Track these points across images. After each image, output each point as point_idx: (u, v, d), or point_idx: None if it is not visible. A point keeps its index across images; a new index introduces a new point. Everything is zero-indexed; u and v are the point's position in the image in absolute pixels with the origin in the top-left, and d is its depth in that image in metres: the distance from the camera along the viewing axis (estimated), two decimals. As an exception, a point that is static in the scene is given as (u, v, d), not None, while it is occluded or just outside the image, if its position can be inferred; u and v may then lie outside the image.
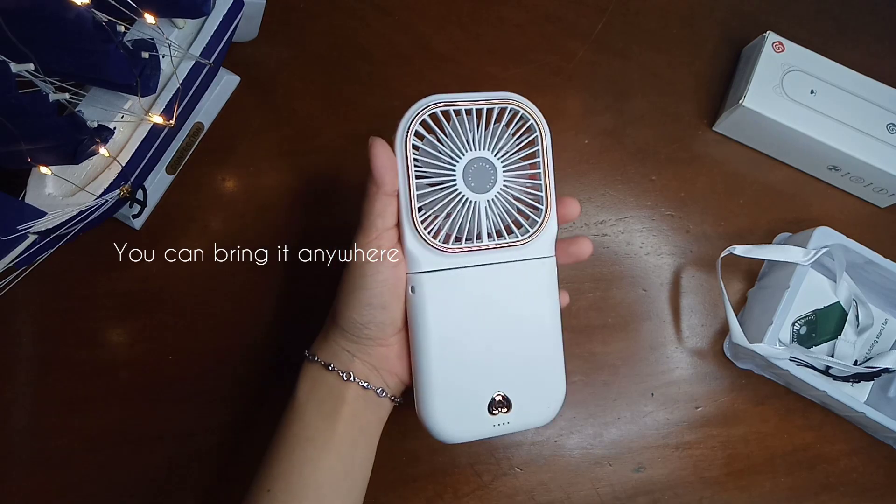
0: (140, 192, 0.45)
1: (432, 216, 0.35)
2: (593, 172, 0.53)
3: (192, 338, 0.48)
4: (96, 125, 0.40)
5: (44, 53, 0.35)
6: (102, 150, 0.41)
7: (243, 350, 0.48)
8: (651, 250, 0.52)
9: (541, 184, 0.35)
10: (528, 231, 0.35)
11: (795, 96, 0.50)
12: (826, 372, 0.50)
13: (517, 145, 0.35)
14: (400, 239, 0.35)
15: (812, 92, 0.51)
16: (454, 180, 0.34)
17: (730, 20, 0.57)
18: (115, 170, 0.42)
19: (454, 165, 0.34)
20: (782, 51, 0.51)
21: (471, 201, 0.35)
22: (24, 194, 0.42)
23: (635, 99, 0.55)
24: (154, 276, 0.48)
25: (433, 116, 0.34)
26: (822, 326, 0.51)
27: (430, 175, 0.35)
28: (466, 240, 0.35)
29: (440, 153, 0.35)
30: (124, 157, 0.43)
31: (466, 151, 0.35)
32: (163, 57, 0.43)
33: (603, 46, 0.55)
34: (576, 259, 0.38)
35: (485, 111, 0.35)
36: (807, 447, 0.50)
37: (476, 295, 0.35)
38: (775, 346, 0.46)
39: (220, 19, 0.45)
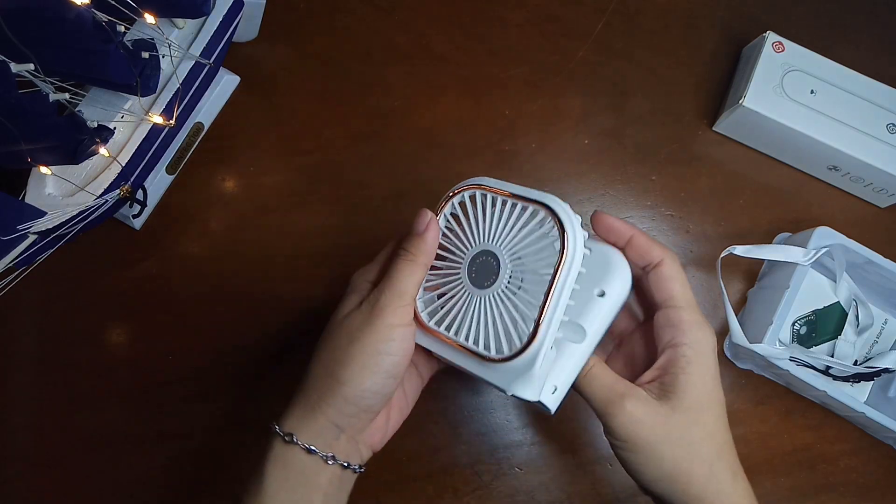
0: (140, 192, 0.45)
1: (435, 293, 0.34)
2: (593, 172, 0.53)
3: (192, 338, 0.48)
4: (96, 125, 0.40)
5: (44, 53, 0.35)
6: (102, 150, 0.41)
7: (243, 350, 0.48)
8: (651, 250, 0.52)
9: (537, 304, 0.30)
10: (501, 352, 0.31)
11: (795, 96, 0.50)
12: (826, 372, 0.50)
13: (536, 255, 0.31)
14: None
15: (812, 92, 0.51)
16: (460, 267, 0.33)
17: (730, 20, 0.57)
18: (115, 170, 0.42)
19: (465, 252, 0.33)
20: (782, 51, 0.51)
21: (467, 292, 0.33)
22: (24, 194, 0.42)
23: (635, 99, 0.55)
24: (154, 276, 0.48)
25: (471, 197, 0.34)
26: (822, 326, 0.51)
27: (445, 252, 0.34)
28: (446, 328, 0.33)
29: (462, 236, 0.34)
30: (124, 157, 0.43)
31: (479, 242, 0.33)
32: (163, 57, 0.43)
33: (603, 46, 0.55)
34: None
35: (518, 207, 0.32)
36: (807, 447, 0.50)
37: None
38: (775, 346, 0.46)
39: (220, 19, 0.45)
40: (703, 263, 0.52)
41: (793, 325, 0.51)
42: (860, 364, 0.50)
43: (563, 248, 0.29)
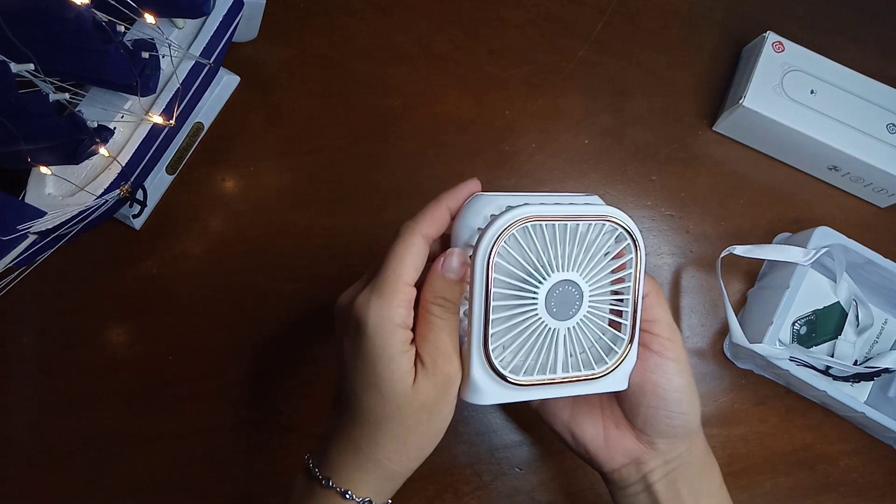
0: (140, 192, 0.45)
1: (502, 345, 0.31)
2: (593, 172, 0.53)
3: (192, 338, 0.48)
4: (96, 125, 0.40)
5: (44, 53, 0.35)
6: (102, 150, 0.41)
7: (243, 350, 0.48)
8: (651, 250, 0.52)
9: (626, 310, 0.32)
10: (606, 364, 0.32)
11: (795, 96, 0.50)
12: (826, 372, 0.50)
13: (608, 267, 0.31)
14: (462, 367, 0.31)
15: (812, 92, 0.51)
16: (535, 304, 0.30)
17: (730, 20, 0.57)
18: (115, 170, 0.42)
19: (537, 288, 0.30)
20: (782, 51, 0.51)
21: (550, 328, 0.30)
22: (24, 194, 0.42)
23: (635, 99, 0.55)
24: (154, 276, 0.48)
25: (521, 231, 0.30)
26: (822, 326, 0.51)
27: (509, 297, 0.30)
28: (538, 372, 0.31)
29: (524, 272, 0.30)
30: (124, 157, 0.43)
31: (553, 272, 0.30)
32: (163, 57, 0.43)
33: (603, 46, 0.55)
34: None
35: (583, 226, 0.30)
36: (807, 447, 0.50)
37: None
38: (775, 346, 0.46)
39: (220, 19, 0.45)
40: (703, 263, 0.52)
41: (793, 325, 0.51)
42: (860, 364, 0.50)
43: (637, 252, 0.31)
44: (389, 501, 0.33)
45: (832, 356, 0.50)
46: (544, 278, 0.30)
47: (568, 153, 0.53)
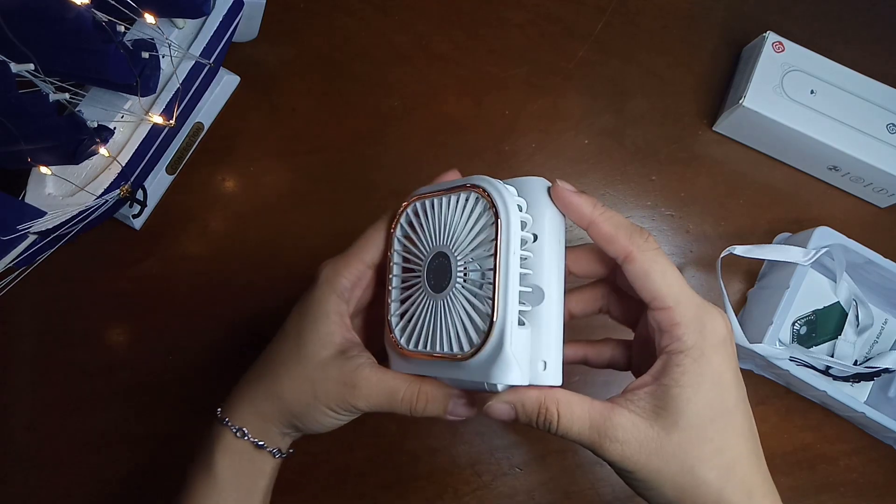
0: (140, 192, 0.45)
1: (406, 317, 0.32)
2: (593, 172, 0.53)
3: (192, 338, 0.48)
4: (96, 125, 0.40)
5: (44, 53, 0.35)
6: (102, 150, 0.41)
7: (243, 350, 0.48)
8: (651, 250, 0.52)
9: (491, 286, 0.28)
10: (471, 345, 0.28)
11: (795, 96, 0.50)
12: (826, 372, 0.50)
13: (478, 238, 0.29)
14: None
15: (812, 92, 0.51)
16: (419, 278, 0.31)
17: (730, 20, 0.57)
18: (115, 170, 0.42)
19: (420, 263, 0.31)
20: (782, 51, 0.51)
21: (431, 301, 0.31)
22: (24, 194, 0.42)
23: (635, 99, 0.55)
24: (154, 276, 0.48)
25: (413, 211, 0.32)
26: (822, 326, 0.51)
27: (406, 271, 0.32)
28: (422, 345, 0.31)
29: (414, 248, 0.32)
30: (124, 157, 0.43)
31: (431, 247, 0.31)
32: (163, 57, 0.43)
33: (603, 46, 0.55)
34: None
35: (452, 199, 0.31)
36: (807, 447, 0.50)
37: None
38: (775, 346, 0.46)
39: (220, 19, 0.45)
40: (703, 263, 0.52)
41: (793, 325, 0.51)
42: (860, 364, 0.50)
43: (497, 219, 0.28)
44: (292, 450, 0.35)
45: (832, 356, 0.50)
46: (425, 253, 0.31)
47: (568, 153, 0.53)
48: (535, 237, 0.29)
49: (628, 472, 0.28)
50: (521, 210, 0.29)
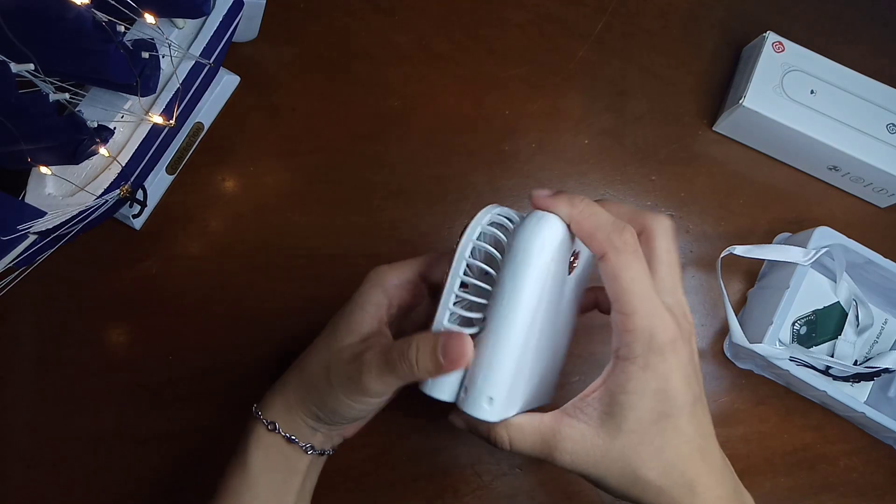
0: (140, 192, 0.45)
1: None
2: (593, 172, 0.53)
3: (192, 338, 0.48)
4: (96, 125, 0.40)
5: (44, 53, 0.35)
6: (102, 150, 0.41)
7: (243, 350, 0.48)
8: (651, 250, 0.52)
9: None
10: None
11: (795, 96, 0.50)
12: (826, 372, 0.50)
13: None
14: None
15: (812, 92, 0.51)
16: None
17: (730, 20, 0.57)
18: (115, 170, 0.42)
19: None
20: (782, 51, 0.51)
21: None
22: (24, 194, 0.42)
23: (635, 99, 0.55)
24: (154, 276, 0.48)
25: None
26: (822, 326, 0.51)
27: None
28: None
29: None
30: (124, 157, 0.43)
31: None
32: (163, 57, 0.43)
33: (603, 46, 0.55)
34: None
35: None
36: (807, 447, 0.50)
37: None
38: (775, 346, 0.46)
39: (220, 19, 0.45)
40: (703, 263, 0.52)
41: (793, 325, 0.51)
42: (860, 364, 0.50)
43: (460, 239, 0.30)
44: (329, 451, 0.36)
45: (832, 356, 0.50)
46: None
47: (568, 153, 0.53)
48: (494, 270, 0.29)
49: (580, 475, 0.30)
50: (496, 238, 0.30)
